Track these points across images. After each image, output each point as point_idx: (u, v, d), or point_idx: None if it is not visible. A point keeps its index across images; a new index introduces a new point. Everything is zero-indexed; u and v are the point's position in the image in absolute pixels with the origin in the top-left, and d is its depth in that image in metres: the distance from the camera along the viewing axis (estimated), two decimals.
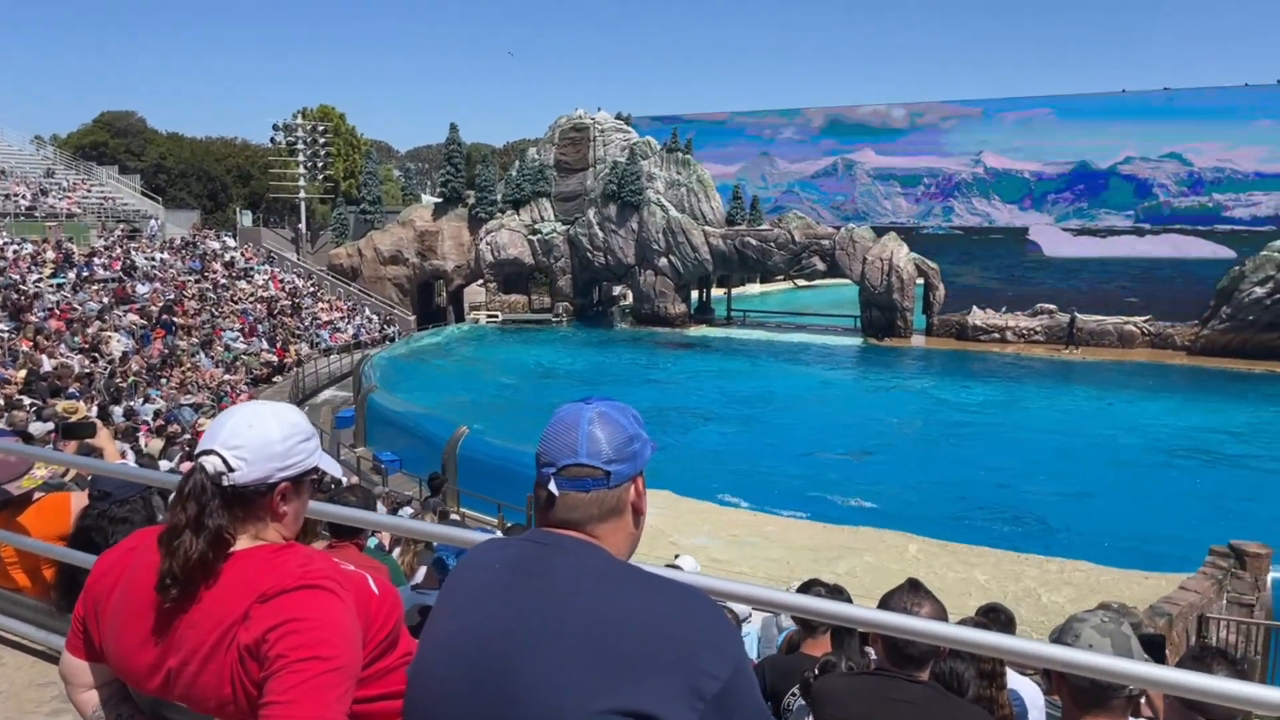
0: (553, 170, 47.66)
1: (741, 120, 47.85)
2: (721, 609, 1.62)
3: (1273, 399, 28.89)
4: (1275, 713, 1.43)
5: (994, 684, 3.27)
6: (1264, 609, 11.98)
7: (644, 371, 34.72)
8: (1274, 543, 12.85)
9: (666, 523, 15.79)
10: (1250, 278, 34.23)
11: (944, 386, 32.24)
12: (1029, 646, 1.73)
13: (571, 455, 1.62)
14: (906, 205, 44.21)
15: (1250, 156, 37.51)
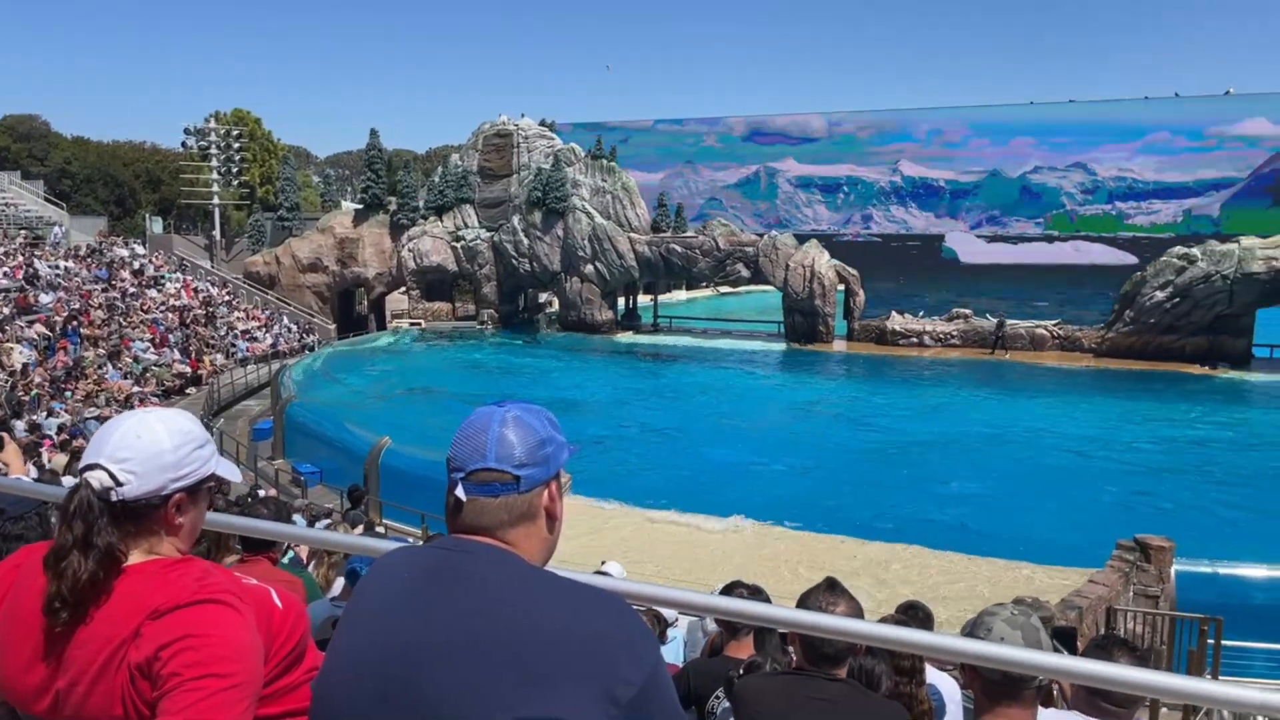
0: (476, 176, 47.27)
1: (664, 128, 48.19)
2: (637, 613, 1.60)
3: (1172, 398, 30.18)
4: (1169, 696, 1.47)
5: (913, 680, 3.31)
6: (1168, 600, 12.48)
7: (571, 378, 34.62)
8: (1177, 536, 13.41)
9: (593, 530, 15.76)
10: (1151, 283, 35.73)
11: (864, 390, 32.87)
12: (942, 641, 1.75)
13: (480, 459, 1.58)
14: (827, 213, 45.04)
15: (1149, 166, 39.22)
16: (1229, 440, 25.37)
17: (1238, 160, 37.89)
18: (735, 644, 4.21)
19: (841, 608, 2.44)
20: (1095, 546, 13.64)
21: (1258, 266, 33.52)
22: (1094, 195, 40.21)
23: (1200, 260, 34.68)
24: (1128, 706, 2.43)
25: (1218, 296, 34.45)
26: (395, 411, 27.44)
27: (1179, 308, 35.17)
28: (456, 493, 1.58)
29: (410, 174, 49.15)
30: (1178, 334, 35.39)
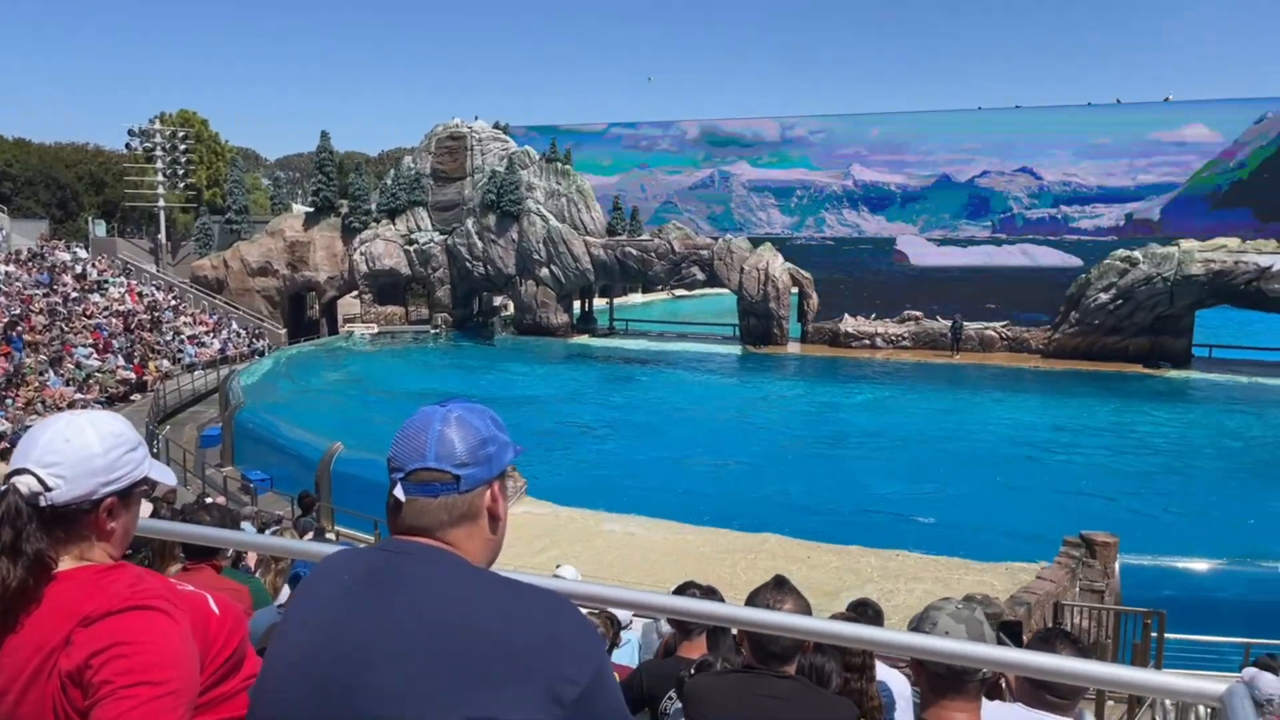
0: (429, 179, 46.90)
1: (618, 131, 48.22)
2: (581, 613, 1.59)
3: (1117, 397, 30.89)
4: (1109, 686, 1.50)
5: (863, 676, 3.34)
6: (1113, 594, 12.76)
7: (526, 382, 34.49)
8: (1121, 532, 13.72)
9: (548, 533, 15.70)
10: (1095, 285, 36.55)
11: (818, 391, 33.19)
12: (886, 636, 1.76)
13: (419, 459, 1.56)
14: (781, 216, 45.40)
15: (1093, 171, 40.13)
16: (1170, 438, 26.03)
17: (1177, 165, 38.92)
18: (688, 644, 4.22)
19: (789, 605, 2.45)
20: (1043, 543, 13.91)
21: (1196, 269, 34.46)
22: (1040, 199, 41.03)
23: (1142, 263, 35.55)
24: (1070, 698, 2.47)
25: (1159, 298, 35.35)
26: (347, 417, 27.12)
27: (1122, 309, 36.02)
28: (395, 492, 1.57)
29: (362, 176, 48.63)
30: (1121, 335, 36.23)
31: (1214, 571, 13.87)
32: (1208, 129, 38.48)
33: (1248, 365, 35.34)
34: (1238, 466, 23.34)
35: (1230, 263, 34.27)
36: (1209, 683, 1.64)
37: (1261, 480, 22.20)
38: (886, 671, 3.91)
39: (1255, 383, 33.16)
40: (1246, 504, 20.09)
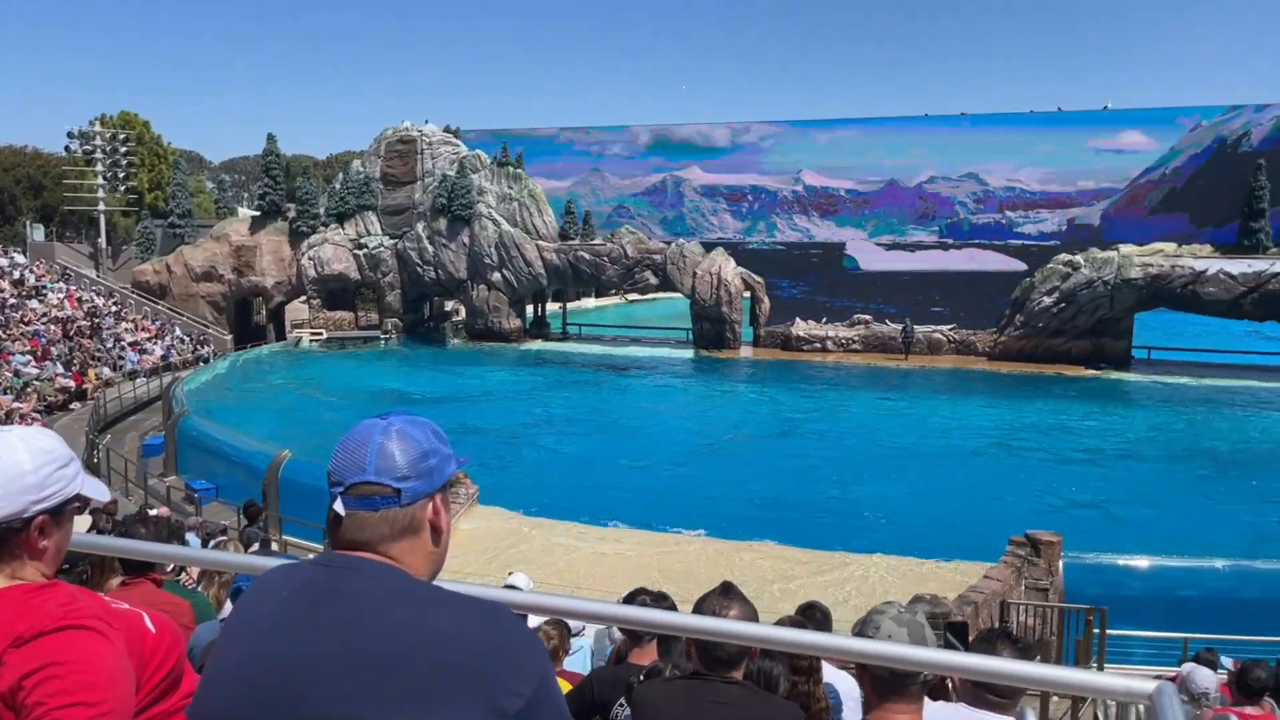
0: (379, 183, 46.41)
1: (570, 135, 48.15)
2: (525, 623, 1.59)
3: (1060, 399, 31.58)
4: (1045, 687, 1.53)
5: (810, 679, 3.37)
6: (1057, 593, 13.02)
7: (478, 387, 34.25)
8: (1065, 530, 14.03)
9: (501, 540, 15.62)
10: (1039, 288, 37.36)
11: (771, 395, 33.45)
12: (830, 641, 1.79)
13: (359, 473, 1.55)
14: (732, 221, 45.68)
15: (1035, 177, 41.01)
16: (1112, 438, 26.67)
17: (1116, 171, 39.94)
18: (639, 651, 4.22)
19: (735, 611, 2.47)
20: (990, 542, 14.15)
21: (1135, 273, 35.38)
22: (986, 205, 41.80)
23: (1083, 267, 36.42)
24: (1011, 697, 2.53)
25: (1100, 301, 36.23)
26: (296, 424, 26.72)
27: (1065, 312, 36.85)
28: (335, 507, 1.55)
29: (310, 180, 47.93)
30: (1064, 337, 37.06)
31: (1154, 568, 14.21)
32: (1143, 136, 39.55)
33: (1185, 366, 36.37)
34: (1176, 465, 23.99)
35: (1167, 267, 35.26)
36: (1139, 681, 1.69)
37: (1199, 478, 22.85)
38: (834, 673, 3.95)
39: (1192, 383, 34.14)
40: (1185, 502, 20.67)
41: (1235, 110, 38.66)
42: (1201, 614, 12.51)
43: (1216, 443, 26.42)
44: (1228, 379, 34.49)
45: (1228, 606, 13.02)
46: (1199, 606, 13.00)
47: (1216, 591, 13.58)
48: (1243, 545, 16.30)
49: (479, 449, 23.81)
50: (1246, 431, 27.78)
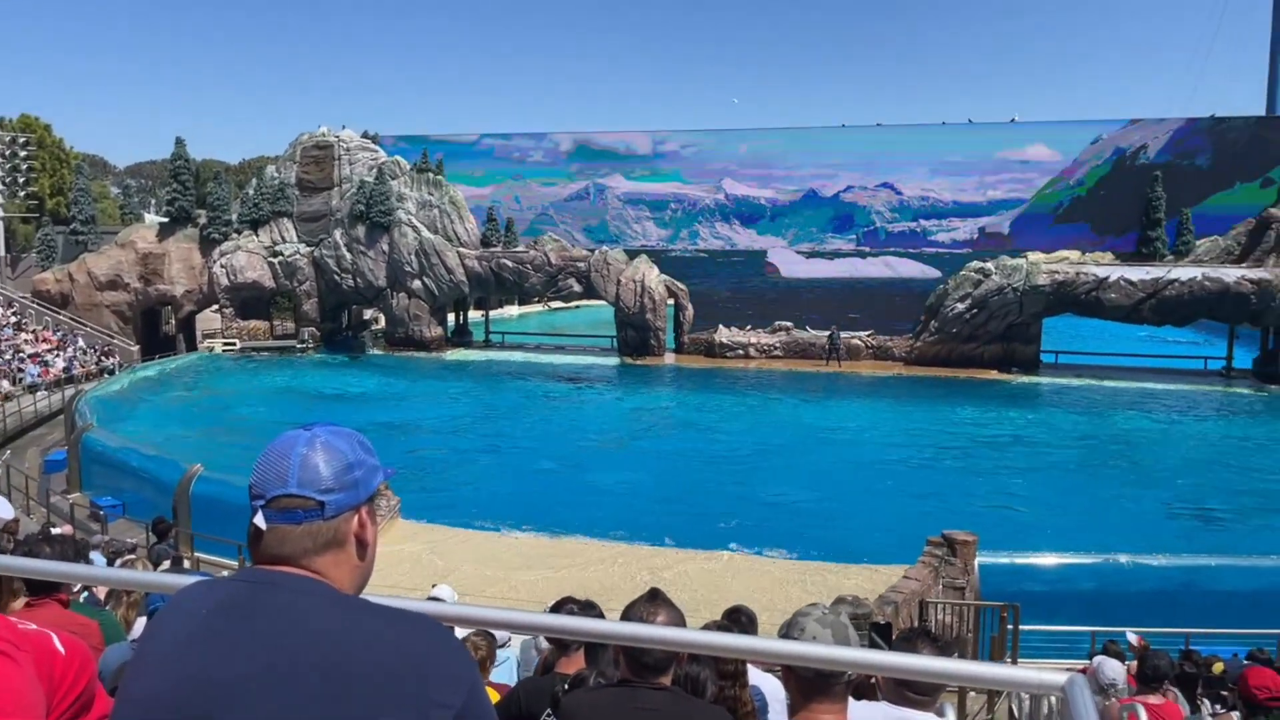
0: (294, 189, 45.36)
1: (490, 142, 47.78)
2: (453, 635, 1.56)
3: (974, 402, 32.55)
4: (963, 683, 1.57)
5: (736, 683, 3.39)
6: (973, 591, 13.40)
7: (398, 397, 33.71)
8: (980, 530, 14.45)
9: (424, 552, 15.39)
10: (952, 295, 38.47)
11: (694, 401, 33.69)
12: (755, 644, 1.80)
13: (281, 485, 1.51)
14: (656, 229, 45.90)
15: (947, 187, 42.23)
16: (1021, 439, 27.59)
17: (1021, 182, 41.40)
18: (566, 660, 4.20)
19: (662, 617, 2.48)
20: (909, 544, 14.49)
21: (1042, 280, 36.71)
22: (901, 214, 42.86)
23: (994, 274, 37.64)
24: (931, 694, 2.59)
25: (1009, 307, 37.49)
26: (207, 437, 25.93)
27: (977, 318, 38.02)
28: (256, 520, 1.51)
29: (222, 186, 46.54)
30: (977, 342, 38.23)
31: (1063, 565, 14.74)
32: (1048, 148, 41.08)
33: (1089, 369, 37.85)
34: (1082, 464, 24.95)
35: (1072, 274, 36.67)
36: (1051, 674, 1.74)
37: (1104, 476, 23.80)
38: (759, 676, 3.99)
39: (1096, 385, 35.57)
40: (1090, 499, 21.49)
41: (1134, 124, 40.44)
42: (1107, 607, 13.03)
43: (1119, 442, 27.57)
44: (1128, 381, 36.02)
45: (1131, 599, 13.59)
46: (1105, 600, 13.54)
47: (1121, 585, 14.16)
48: (1145, 540, 17.01)
49: (400, 460, 23.42)
50: (1146, 431, 29.05)
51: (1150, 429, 29.32)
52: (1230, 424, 30.65)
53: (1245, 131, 39.33)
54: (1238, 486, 23.02)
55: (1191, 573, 14.48)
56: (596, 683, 2.86)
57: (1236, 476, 23.92)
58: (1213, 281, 34.94)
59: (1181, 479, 23.50)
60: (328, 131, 45.99)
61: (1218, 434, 29.19)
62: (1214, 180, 38.90)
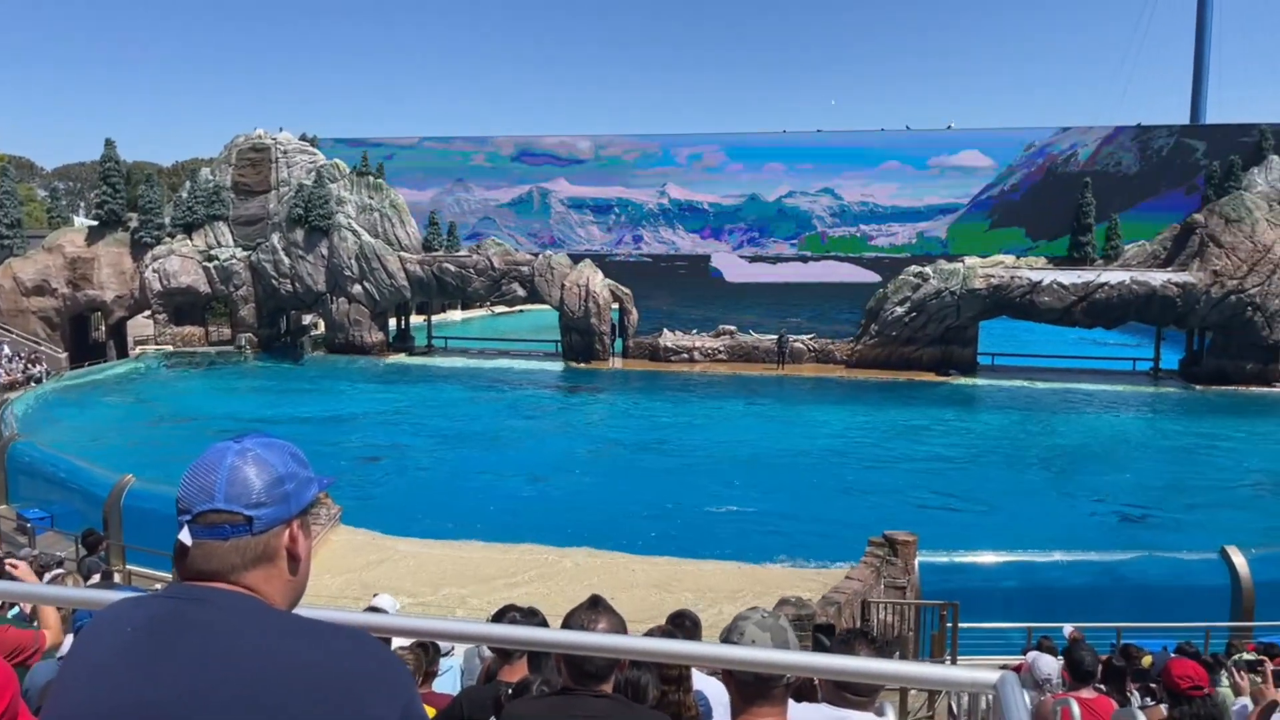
0: (230, 192, 44.42)
1: (430, 145, 47.31)
2: (388, 649, 1.54)
3: (913, 403, 33.13)
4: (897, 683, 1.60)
5: (680, 687, 3.40)
6: (913, 590, 13.63)
7: (339, 403, 33.17)
8: (920, 530, 14.71)
9: (366, 562, 15.17)
10: (892, 299, 39.12)
11: (639, 406, 33.72)
12: (694, 649, 1.81)
13: (208, 500, 1.48)
14: (600, 233, 45.90)
15: (885, 193, 42.96)
16: (960, 440, 28.14)
17: (956, 187, 42.29)
18: (509, 668, 4.18)
19: (603, 624, 2.47)
20: (852, 544, 14.68)
21: (979, 283, 37.51)
22: (841, 218, 43.47)
23: (932, 278, 38.36)
24: (869, 695, 2.63)
25: (947, 310, 38.23)
26: (140, 447, 25.22)
27: (916, 321, 38.70)
28: (181, 537, 1.47)
29: (154, 188, 45.35)
30: (916, 345, 38.91)
31: (1001, 563, 15.07)
32: (981, 154, 42.04)
33: (1024, 371, 38.77)
34: (1019, 463, 25.53)
35: (1007, 278, 37.53)
36: (984, 672, 1.78)
37: (1039, 475, 24.39)
38: (704, 679, 4.00)
39: (1030, 386, 36.43)
40: (1028, 498, 22.01)
41: (1064, 132, 41.57)
42: (1043, 603, 13.36)
43: (1054, 441, 28.29)
44: (1061, 382, 36.98)
45: (1066, 595, 13.96)
46: (1041, 597, 13.88)
47: (1056, 582, 14.53)
48: (1079, 537, 17.47)
49: (340, 467, 23.07)
50: (1080, 430, 29.84)
51: (1082, 428, 30.13)
52: (1158, 422, 31.66)
53: (1169, 139, 40.70)
54: (1166, 483, 23.79)
55: (1122, 568, 14.91)
56: (539, 690, 2.84)
57: (1165, 473, 24.72)
58: (1140, 285, 36.04)
59: (1112, 476, 24.21)
60: (264, 134, 45.12)
61: (1146, 432, 30.13)
62: (1141, 186, 40.20)
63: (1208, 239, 35.79)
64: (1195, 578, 14.50)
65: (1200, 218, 36.56)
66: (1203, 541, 16.18)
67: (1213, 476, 24.26)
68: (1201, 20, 77.33)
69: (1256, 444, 27.58)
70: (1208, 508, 21.37)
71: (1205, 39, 77.58)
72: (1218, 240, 35.60)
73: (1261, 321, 35.08)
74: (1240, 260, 35.15)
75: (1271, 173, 37.49)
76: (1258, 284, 34.98)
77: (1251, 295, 34.93)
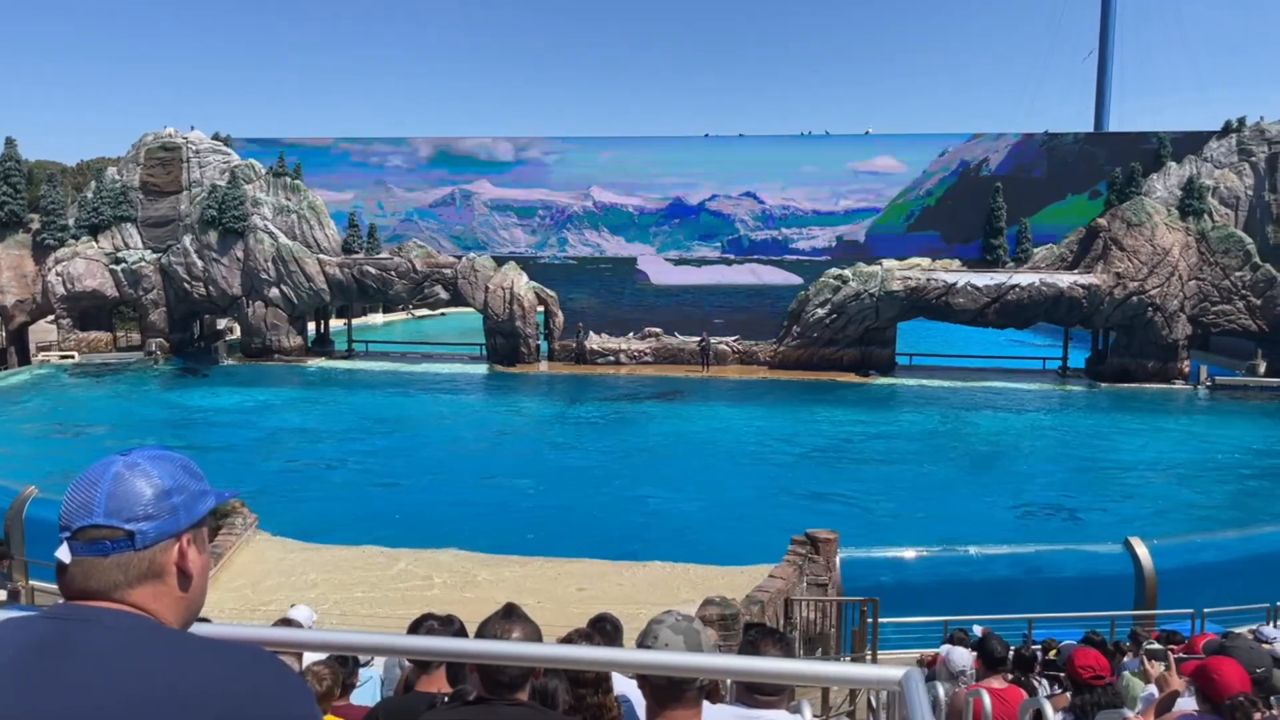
0: (139, 193, 42.90)
1: (346, 146, 46.40)
2: (286, 666, 1.50)
3: (834, 404, 33.74)
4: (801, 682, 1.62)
5: (599, 689, 3.39)
6: (835, 587, 13.87)
7: (255, 409, 32.30)
8: (842, 527, 14.97)
9: (283, 572, 14.80)
10: (813, 301, 39.79)
11: (567, 409, 33.64)
12: (602, 654, 1.81)
13: (87, 516, 1.42)
14: (524, 236, 45.63)
15: (807, 197, 43.68)
16: (879, 438, 28.76)
17: (870, 193, 43.25)
18: (427, 678, 4.12)
19: (517, 633, 2.46)
20: (776, 543, 14.87)
21: (896, 285, 38.41)
22: (764, 222, 44.05)
23: (851, 281, 39.15)
24: (777, 694, 2.66)
25: (866, 312, 39.05)
26: (43, 457, 24.21)
27: (836, 323, 39.44)
28: (58, 554, 1.41)
29: (57, 189, 43.54)
30: (837, 346, 39.65)
31: (919, 558, 15.44)
32: (895, 160, 43.09)
33: (941, 371, 39.83)
34: (936, 459, 26.21)
35: (924, 280, 38.52)
36: (889, 669, 1.82)
37: (955, 471, 25.07)
38: (628, 682, 4.00)
39: (946, 385, 37.44)
40: (944, 493, 22.61)
41: (976, 138, 42.84)
42: (960, 597, 13.73)
43: (969, 438, 29.12)
44: (976, 381, 38.09)
45: (982, 588, 14.36)
46: (958, 590, 14.25)
47: (971, 575, 14.95)
48: (995, 531, 18.01)
49: (257, 474, 22.48)
50: (993, 427, 30.77)
51: (996, 426, 31.07)
52: (1066, 419, 32.83)
53: (1074, 146, 42.29)
54: (1074, 477, 24.71)
55: (1034, 560, 15.41)
56: (454, 701, 2.81)
57: (1073, 468, 25.68)
58: (1049, 287, 37.34)
59: (1024, 471, 25.06)
60: (174, 132, 43.71)
61: (1056, 429, 31.21)
62: (1049, 191, 41.67)
63: (1111, 242, 37.29)
64: (1101, 568, 15.06)
65: (1104, 222, 38.05)
66: (1108, 533, 16.84)
67: (1117, 470, 25.30)
68: (1105, 31, 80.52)
69: (1157, 438, 28.84)
70: (1113, 500, 22.29)
71: (1108, 49, 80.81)
72: (1120, 244, 37.10)
73: (1161, 321, 36.68)
74: (1141, 263, 36.70)
75: (1169, 179, 39.22)
76: (1157, 285, 36.59)
77: (1152, 296, 36.51)
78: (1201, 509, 21.46)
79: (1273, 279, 36.75)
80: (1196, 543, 16.43)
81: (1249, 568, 14.97)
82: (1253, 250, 37.11)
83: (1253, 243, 37.32)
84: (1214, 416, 32.65)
